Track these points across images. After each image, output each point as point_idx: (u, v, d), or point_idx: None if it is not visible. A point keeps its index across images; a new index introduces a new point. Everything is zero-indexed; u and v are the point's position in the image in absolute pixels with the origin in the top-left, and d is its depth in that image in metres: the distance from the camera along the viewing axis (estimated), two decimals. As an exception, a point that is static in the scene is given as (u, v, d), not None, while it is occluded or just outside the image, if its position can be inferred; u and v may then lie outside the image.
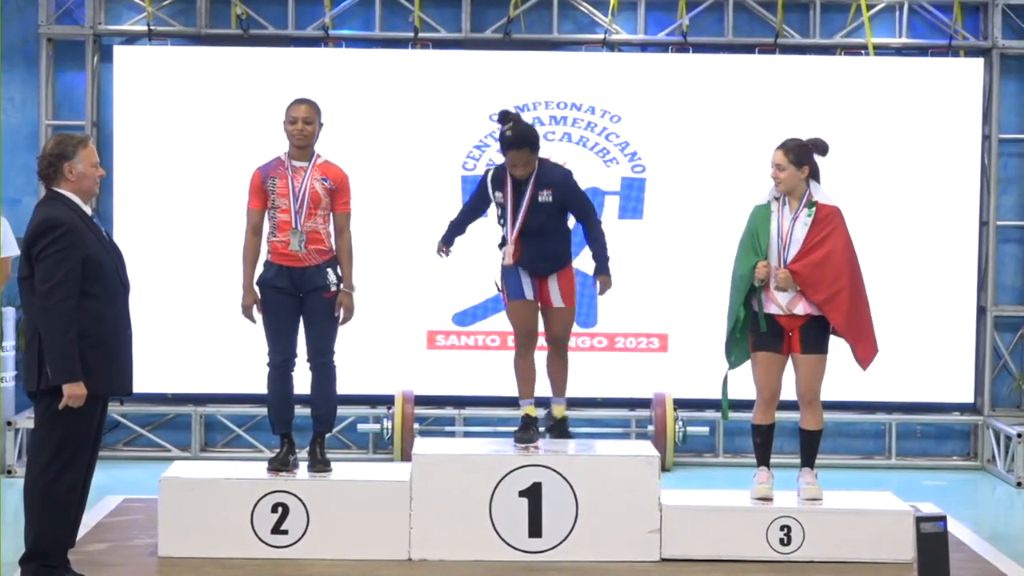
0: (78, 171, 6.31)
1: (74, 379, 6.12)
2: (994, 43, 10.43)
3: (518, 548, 7.25)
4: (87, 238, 6.24)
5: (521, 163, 7.33)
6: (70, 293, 6.11)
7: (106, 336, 6.26)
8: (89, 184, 6.37)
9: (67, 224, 6.19)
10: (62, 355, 6.11)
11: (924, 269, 10.30)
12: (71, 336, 6.11)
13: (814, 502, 7.36)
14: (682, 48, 10.42)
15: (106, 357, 6.25)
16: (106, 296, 6.27)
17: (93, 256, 6.22)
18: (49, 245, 6.15)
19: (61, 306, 6.10)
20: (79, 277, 6.14)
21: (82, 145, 6.35)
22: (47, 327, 6.12)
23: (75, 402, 6.14)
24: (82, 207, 6.34)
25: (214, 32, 10.41)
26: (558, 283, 7.47)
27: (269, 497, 7.23)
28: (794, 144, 7.30)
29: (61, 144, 6.36)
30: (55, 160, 6.32)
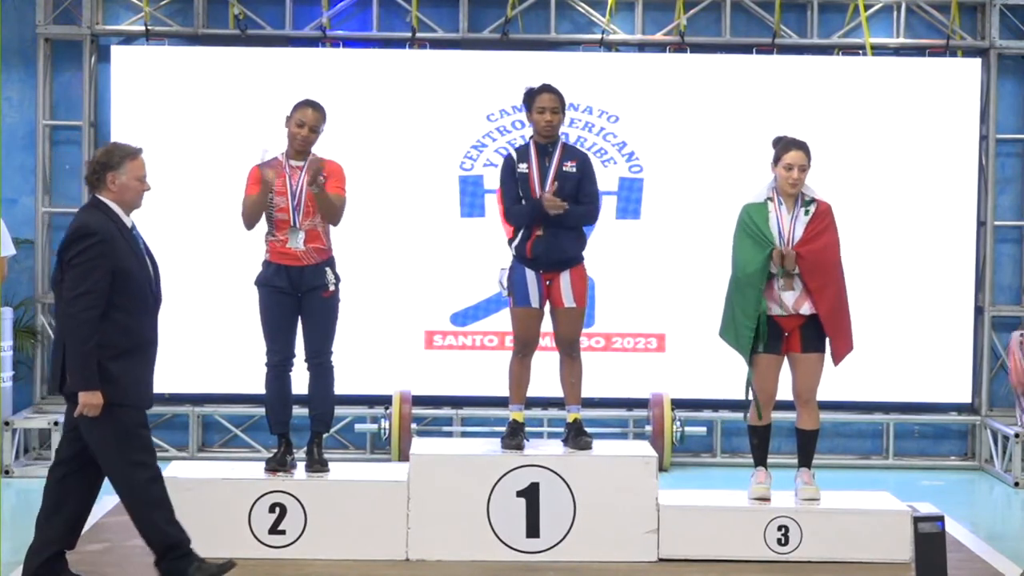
0: (120, 182, 6.28)
1: (90, 388, 6.12)
2: (991, 43, 10.44)
3: (516, 548, 7.25)
4: (121, 249, 6.22)
5: (551, 108, 7.32)
6: (94, 303, 6.11)
7: (131, 348, 6.25)
8: (131, 196, 6.33)
9: (101, 234, 6.17)
10: (80, 364, 6.12)
11: (922, 269, 10.30)
12: (90, 346, 6.11)
13: (812, 502, 7.36)
14: (680, 48, 10.42)
15: (129, 368, 6.24)
16: (134, 308, 6.26)
17: (124, 268, 6.20)
18: (81, 253, 6.14)
19: (84, 315, 6.09)
20: (106, 288, 6.13)
21: (129, 157, 6.31)
22: (69, 334, 6.14)
23: (90, 411, 6.14)
24: (122, 218, 6.31)
25: (212, 32, 10.41)
26: (570, 280, 7.42)
27: (267, 497, 7.23)
28: (807, 144, 7.32)
29: (108, 153, 6.34)
30: (99, 168, 6.30)
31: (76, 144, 10.42)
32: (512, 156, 7.48)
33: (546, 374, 7.69)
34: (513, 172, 7.41)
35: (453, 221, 10.22)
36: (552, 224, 7.32)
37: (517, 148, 7.57)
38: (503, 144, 10.12)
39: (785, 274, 7.18)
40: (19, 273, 10.29)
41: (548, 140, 7.40)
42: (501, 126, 10.25)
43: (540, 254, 7.36)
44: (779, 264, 7.18)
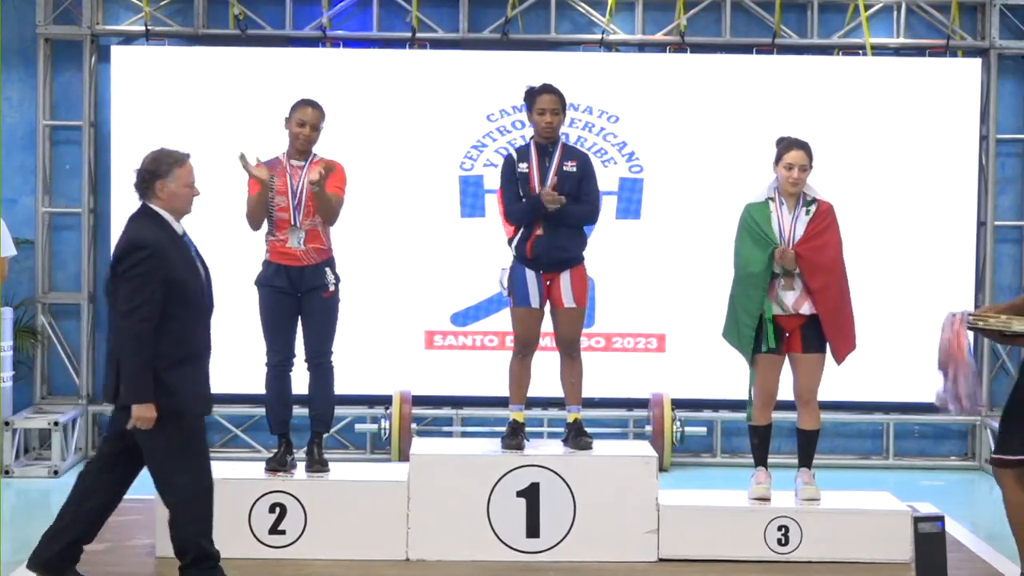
0: (169, 190, 6.25)
1: (143, 400, 6.12)
2: (992, 43, 10.44)
3: (516, 548, 7.25)
4: (173, 259, 6.19)
5: (551, 109, 7.33)
6: (148, 316, 6.08)
7: (186, 357, 6.26)
8: (181, 203, 6.30)
9: (153, 246, 6.13)
10: (134, 377, 6.10)
11: (922, 269, 10.30)
12: (144, 358, 6.09)
13: (812, 502, 7.36)
14: (680, 48, 10.43)
15: (185, 377, 6.24)
16: (188, 317, 6.26)
17: (178, 278, 6.18)
18: (134, 267, 6.10)
19: (138, 328, 6.07)
20: (159, 300, 6.10)
21: (177, 164, 6.27)
22: (123, 348, 6.13)
23: (143, 424, 6.13)
24: (173, 225, 6.29)
25: (212, 32, 10.42)
26: (571, 280, 7.42)
27: (267, 497, 7.23)
28: (808, 144, 7.32)
29: (156, 161, 6.29)
30: (148, 177, 6.27)
31: (76, 144, 10.42)
32: (512, 156, 7.48)
33: (546, 374, 7.69)
34: (514, 172, 7.41)
35: (453, 221, 10.22)
36: (552, 224, 7.32)
37: (517, 148, 7.57)
38: (503, 144, 10.12)
39: (785, 273, 7.18)
40: (19, 273, 10.30)
41: (548, 140, 7.40)
42: (501, 126, 10.25)
43: (540, 254, 7.36)
44: (779, 263, 7.18)
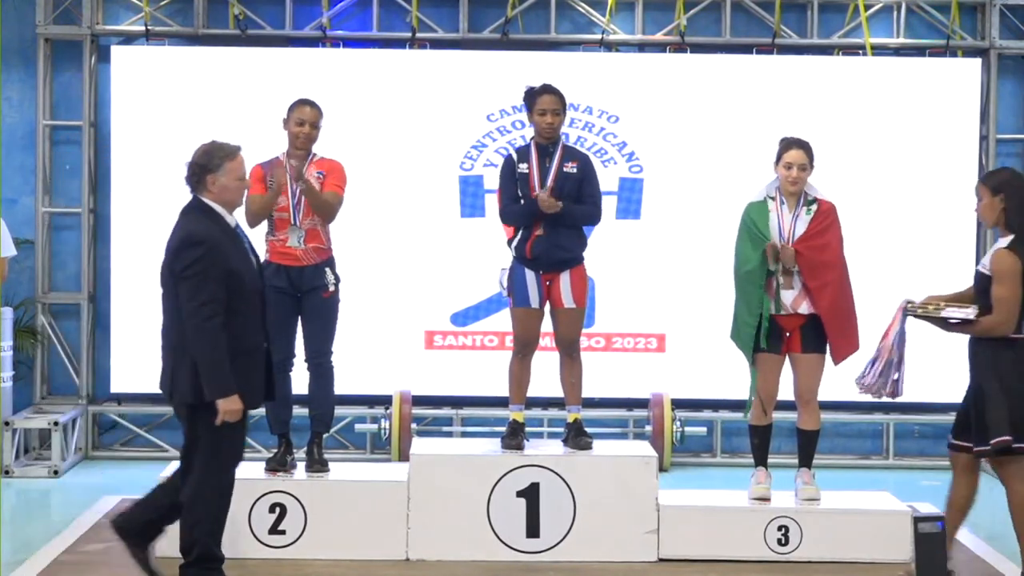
0: (220, 184, 6.24)
1: (228, 394, 6.12)
2: (992, 43, 10.44)
3: (516, 548, 7.26)
4: (228, 252, 6.19)
5: (551, 110, 7.33)
6: (216, 311, 6.08)
7: (243, 350, 6.24)
8: (232, 196, 6.30)
9: (209, 241, 6.14)
10: (215, 372, 6.10)
11: (922, 269, 10.28)
12: (221, 352, 6.09)
13: (812, 502, 7.36)
14: (680, 48, 10.43)
15: (245, 371, 6.23)
16: (246, 310, 6.24)
17: (235, 270, 6.18)
18: (191, 264, 6.10)
19: (209, 324, 6.07)
20: (223, 295, 6.10)
21: (229, 158, 6.26)
22: (199, 345, 6.11)
23: (231, 416, 6.14)
24: (225, 218, 6.28)
25: (212, 32, 10.42)
26: (570, 280, 7.43)
27: (267, 497, 7.23)
28: (809, 143, 7.33)
29: (207, 154, 6.28)
30: (198, 171, 6.27)
31: (76, 144, 10.42)
32: (512, 156, 7.48)
33: (546, 374, 7.69)
34: (513, 172, 7.42)
35: (453, 221, 10.22)
36: (552, 224, 7.32)
37: (518, 148, 7.58)
38: (503, 144, 10.12)
39: (784, 272, 7.18)
40: (19, 273, 10.30)
41: (549, 141, 7.40)
42: (501, 126, 10.25)
43: (540, 254, 7.36)
44: (773, 259, 7.18)
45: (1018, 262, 6.35)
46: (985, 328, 6.41)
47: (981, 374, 6.45)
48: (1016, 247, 6.38)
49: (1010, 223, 6.43)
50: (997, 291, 6.36)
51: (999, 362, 6.40)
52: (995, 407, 6.39)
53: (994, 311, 6.38)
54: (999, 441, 6.42)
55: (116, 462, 10.24)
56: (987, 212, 6.51)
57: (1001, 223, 6.48)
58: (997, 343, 6.41)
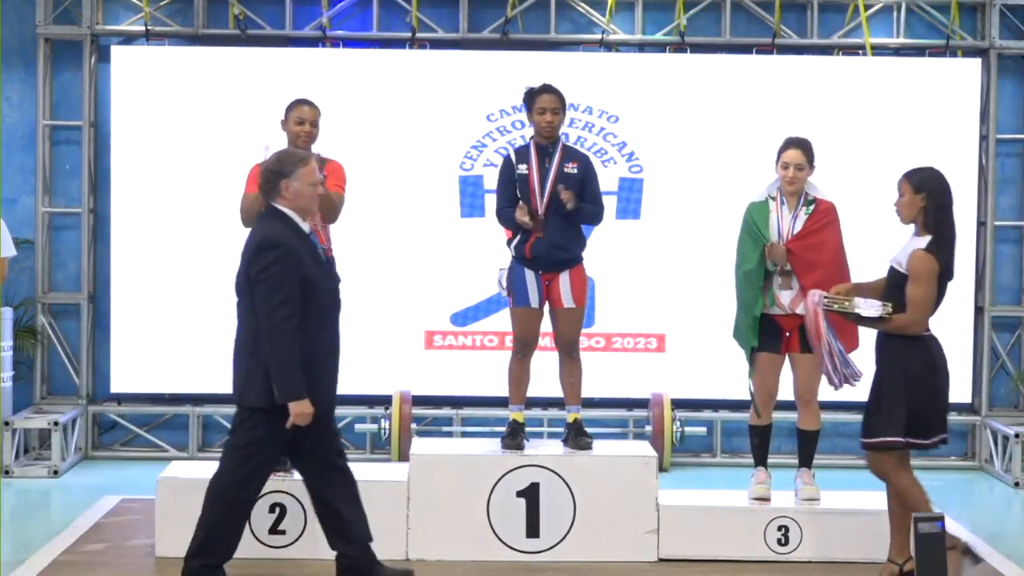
0: (294, 189, 6.30)
1: (300, 397, 6.15)
2: (991, 43, 10.44)
3: (516, 548, 7.26)
4: (304, 257, 6.24)
5: (551, 109, 7.33)
6: (291, 313, 6.13)
7: (316, 356, 6.28)
8: (306, 202, 6.35)
9: (285, 245, 6.19)
10: (287, 375, 6.14)
11: (922, 269, 10.29)
12: (294, 355, 6.13)
13: (812, 502, 7.36)
14: (680, 48, 10.42)
15: (314, 377, 6.26)
16: (319, 315, 6.29)
17: (309, 276, 6.23)
18: (268, 267, 6.15)
19: (283, 326, 6.12)
20: (299, 297, 6.15)
21: (302, 163, 6.33)
22: (273, 348, 6.15)
23: (302, 420, 6.17)
24: (300, 224, 6.34)
25: (212, 32, 10.41)
26: (570, 280, 7.43)
27: (267, 497, 7.22)
28: (809, 143, 7.33)
29: (280, 161, 6.36)
30: (272, 177, 6.32)
31: (76, 144, 10.42)
32: (511, 157, 7.48)
33: (546, 374, 7.69)
34: (511, 174, 7.42)
35: (453, 221, 10.22)
36: (552, 224, 7.33)
37: (517, 149, 7.57)
38: (503, 144, 10.12)
39: (783, 272, 7.19)
40: (19, 273, 10.29)
41: (548, 141, 7.40)
42: (501, 126, 10.25)
43: (539, 254, 7.36)
44: (769, 258, 7.19)
45: (936, 264, 6.42)
46: (898, 326, 6.44)
47: (887, 370, 6.46)
48: (934, 248, 6.42)
49: (928, 223, 6.50)
50: (913, 291, 6.41)
51: (907, 361, 6.45)
52: (894, 406, 6.41)
53: (908, 310, 6.42)
54: (891, 441, 6.42)
55: (116, 462, 10.24)
56: (906, 209, 6.56)
57: (919, 221, 6.52)
58: (907, 341, 6.46)
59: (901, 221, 6.70)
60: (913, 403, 6.43)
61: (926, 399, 6.46)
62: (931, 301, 6.43)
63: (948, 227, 6.53)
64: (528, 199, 7.34)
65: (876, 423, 6.50)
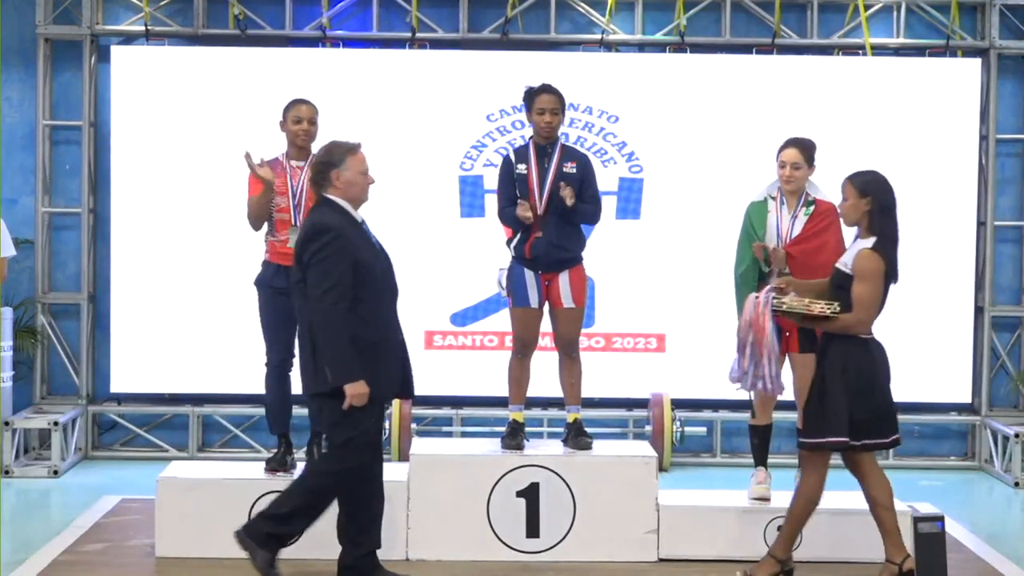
0: (345, 178, 6.37)
1: (354, 379, 6.19)
2: (991, 43, 10.44)
3: (516, 548, 7.26)
4: (357, 243, 6.29)
5: (550, 109, 7.33)
6: (342, 296, 6.17)
7: (375, 340, 6.30)
8: (357, 191, 6.42)
9: (337, 229, 6.25)
10: (340, 356, 6.18)
11: (922, 269, 10.28)
12: (345, 337, 6.17)
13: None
14: (679, 48, 10.42)
15: (375, 360, 6.29)
16: (375, 300, 6.31)
17: (363, 260, 6.27)
18: (320, 249, 6.20)
19: (335, 309, 6.16)
20: (350, 281, 6.20)
21: (350, 153, 6.40)
22: (323, 330, 6.19)
23: (358, 401, 6.20)
24: (352, 213, 6.40)
25: (211, 32, 10.41)
26: (569, 280, 7.43)
27: (267, 497, 7.20)
28: (808, 142, 7.33)
29: (329, 152, 6.42)
30: (323, 168, 6.38)
31: (76, 144, 10.42)
32: (510, 157, 7.48)
33: (546, 374, 7.69)
34: (511, 173, 7.42)
35: (453, 221, 10.22)
36: (551, 224, 7.33)
37: (516, 149, 7.57)
38: (503, 144, 10.12)
39: (781, 273, 7.18)
40: (19, 273, 10.30)
41: (548, 141, 7.41)
42: (501, 126, 10.25)
43: (539, 254, 7.37)
44: (764, 261, 7.19)
45: (882, 263, 6.44)
46: (843, 326, 6.45)
47: (829, 370, 6.46)
48: (880, 248, 6.43)
49: (873, 225, 6.51)
50: (859, 290, 6.42)
51: (848, 361, 6.44)
52: (835, 406, 6.41)
53: (854, 309, 6.43)
54: (837, 442, 6.43)
55: (116, 462, 10.24)
56: (851, 211, 6.58)
57: (864, 224, 6.53)
58: (849, 342, 6.46)
59: (845, 223, 6.72)
60: (853, 405, 6.43)
61: (866, 401, 6.45)
62: (877, 301, 6.45)
63: (892, 229, 6.57)
64: (527, 199, 7.34)
65: (817, 423, 6.48)
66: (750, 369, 6.60)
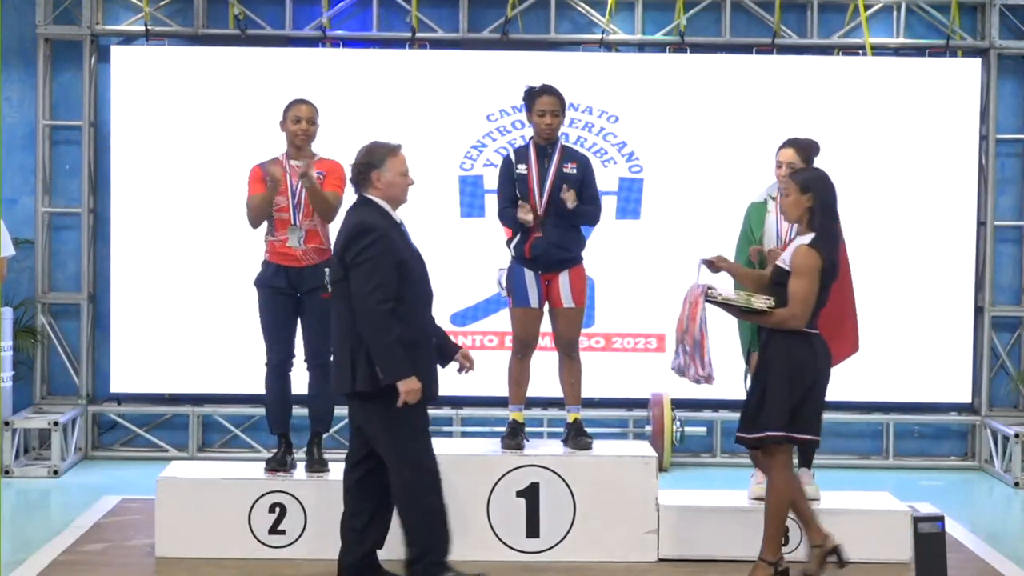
0: (386, 179, 6.41)
1: (406, 375, 6.20)
2: (991, 43, 10.44)
3: (515, 548, 7.26)
4: (399, 244, 6.31)
5: (550, 111, 7.33)
6: (388, 296, 6.18)
7: (416, 340, 6.31)
8: (397, 192, 6.46)
9: (381, 229, 6.27)
10: (390, 354, 6.19)
11: (922, 269, 10.31)
12: (394, 335, 6.17)
13: (812, 502, 7.34)
14: (679, 48, 10.42)
15: (416, 361, 6.30)
16: (415, 301, 6.34)
17: (405, 262, 6.29)
18: (365, 249, 6.21)
19: (381, 308, 6.17)
20: (395, 281, 6.21)
21: (391, 154, 6.45)
22: (370, 329, 6.19)
23: (412, 397, 6.22)
24: (392, 214, 6.42)
25: (211, 32, 10.41)
26: (569, 280, 7.43)
27: (267, 497, 7.23)
28: (805, 143, 7.32)
29: (370, 152, 6.45)
30: (364, 168, 6.41)
31: (76, 144, 10.42)
32: (511, 157, 7.48)
33: (546, 374, 7.69)
34: (511, 173, 7.42)
35: (453, 221, 10.22)
36: (551, 224, 7.33)
37: (516, 149, 7.57)
38: (503, 144, 10.13)
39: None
40: (19, 273, 10.30)
41: (548, 142, 7.41)
42: (501, 126, 10.25)
43: (539, 254, 7.37)
44: (756, 262, 7.20)
45: (820, 260, 6.45)
46: (777, 320, 6.46)
47: (772, 364, 6.47)
48: (818, 245, 6.45)
49: (813, 222, 6.51)
50: (795, 285, 6.43)
51: (792, 356, 6.45)
52: (777, 399, 6.42)
53: (790, 304, 6.44)
54: (773, 435, 6.43)
55: (116, 462, 10.24)
56: (792, 208, 6.58)
57: (804, 220, 6.54)
58: (792, 337, 6.47)
59: (786, 220, 6.73)
60: (795, 399, 6.44)
61: (807, 395, 6.46)
62: (812, 296, 6.45)
63: (833, 226, 6.56)
64: (527, 199, 7.35)
65: (761, 418, 6.48)
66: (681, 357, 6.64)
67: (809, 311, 6.46)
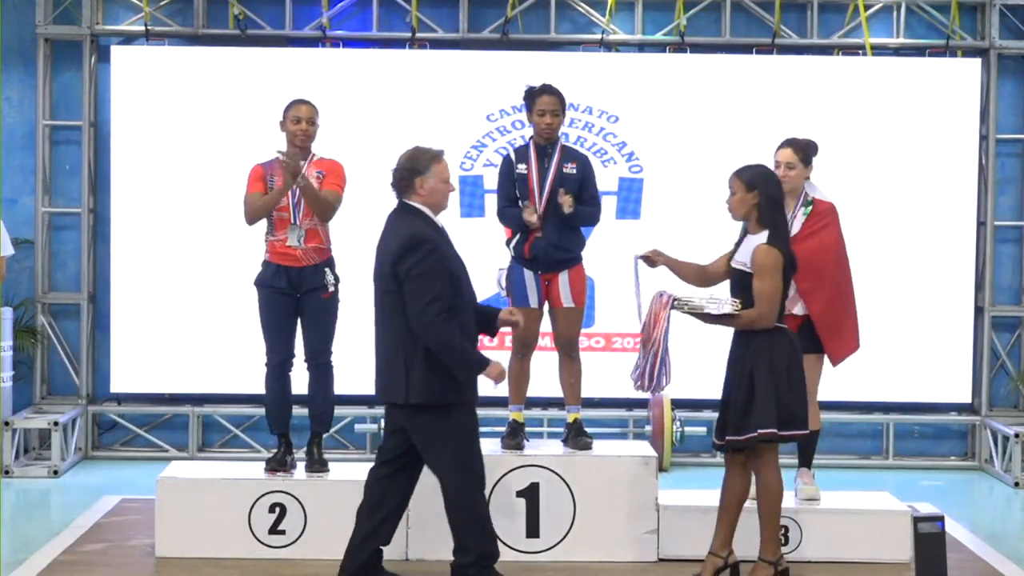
0: (429, 186, 6.36)
1: (485, 364, 6.27)
2: (991, 43, 10.44)
3: (516, 548, 7.25)
4: (448, 254, 6.31)
5: (551, 111, 7.33)
6: (444, 307, 6.19)
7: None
8: (439, 199, 6.41)
9: (433, 241, 6.26)
10: (464, 356, 6.25)
11: (922, 269, 10.31)
12: (459, 337, 6.20)
13: (812, 502, 7.36)
14: (679, 48, 10.43)
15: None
16: (463, 308, 6.34)
17: (455, 271, 6.30)
18: (420, 261, 6.20)
19: (440, 319, 6.17)
20: (449, 292, 6.22)
21: (435, 160, 6.38)
22: (437, 340, 6.20)
23: (502, 376, 6.30)
24: (435, 221, 6.40)
25: (211, 32, 10.42)
26: (569, 280, 7.44)
27: (267, 497, 7.23)
28: (804, 142, 7.32)
29: (414, 158, 6.40)
30: (407, 174, 6.37)
31: (76, 144, 10.42)
32: (511, 156, 7.48)
33: (546, 374, 7.70)
34: (511, 173, 7.42)
35: (453, 221, 10.18)
36: (551, 224, 7.33)
37: (516, 148, 7.57)
38: (503, 144, 10.13)
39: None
40: (19, 273, 10.30)
41: (548, 141, 7.41)
42: (501, 126, 10.25)
43: (539, 254, 7.37)
44: None
45: (779, 257, 6.46)
46: (746, 322, 6.48)
47: (754, 364, 6.46)
48: (774, 242, 6.46)
49: (763, 219, 6.53)
50: (759, 285, 6.44)
51: (773, 351, 6.46)
52: (764, 397, 6.42)
53: (756, 304, 6.45)
54: (765, 433, 6.43)
55: (116, 462, 10.24)
56: (738, 206, 6.59)
57: (752, 218, 6.55)
58: (770, 333, 6.47)
59: (733, 218, 6.72)
60: (780, 394, 6.43)
61: (790, 390, 6.46)
62: (778, 294, 6.47)
63: (782, 221, 6.56)
64: (527, 199, 7.34)
65: (751, 418, 6.47)
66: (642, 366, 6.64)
67: (776, 309, 6.48)
